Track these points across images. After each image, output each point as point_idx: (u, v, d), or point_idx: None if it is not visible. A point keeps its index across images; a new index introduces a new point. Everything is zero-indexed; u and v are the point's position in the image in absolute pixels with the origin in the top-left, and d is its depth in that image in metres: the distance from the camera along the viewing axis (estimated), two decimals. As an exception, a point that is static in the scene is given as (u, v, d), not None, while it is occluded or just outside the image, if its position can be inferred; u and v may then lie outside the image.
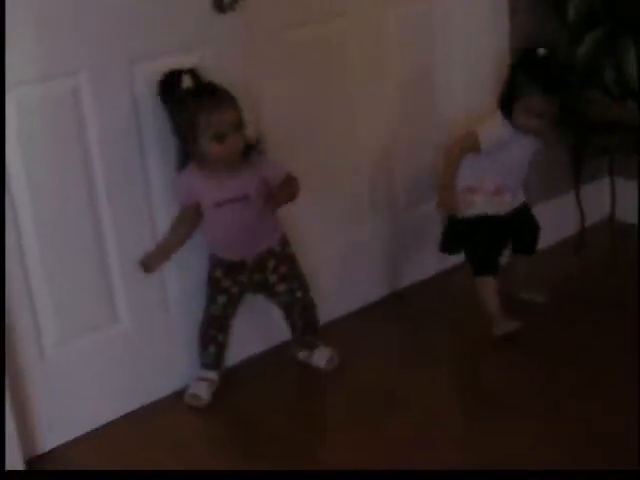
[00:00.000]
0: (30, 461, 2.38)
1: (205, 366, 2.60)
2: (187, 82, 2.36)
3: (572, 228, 3.33)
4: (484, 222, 2.76)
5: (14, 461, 2.30)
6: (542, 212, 3.20)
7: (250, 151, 2.42)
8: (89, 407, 2.49)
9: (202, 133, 2.31)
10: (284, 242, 2.57)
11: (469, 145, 2.69)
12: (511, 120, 2.65)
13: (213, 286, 2.54)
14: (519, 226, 2.86)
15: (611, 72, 2.95)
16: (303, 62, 2.69)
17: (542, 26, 3.06)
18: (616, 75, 2.93)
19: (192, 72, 2.37)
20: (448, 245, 2.86)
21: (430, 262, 3.11)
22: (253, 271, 2.53)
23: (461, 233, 2.81)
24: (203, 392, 2.55)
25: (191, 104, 2.33)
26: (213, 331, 2.58)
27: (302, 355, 2.70)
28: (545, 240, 3.23)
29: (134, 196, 2.46)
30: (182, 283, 2.61)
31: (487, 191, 2.73)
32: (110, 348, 2.51)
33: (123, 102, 2.38)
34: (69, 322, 2.43)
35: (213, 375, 2.60)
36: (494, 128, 2.69)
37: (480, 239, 2.78)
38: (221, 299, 2.55)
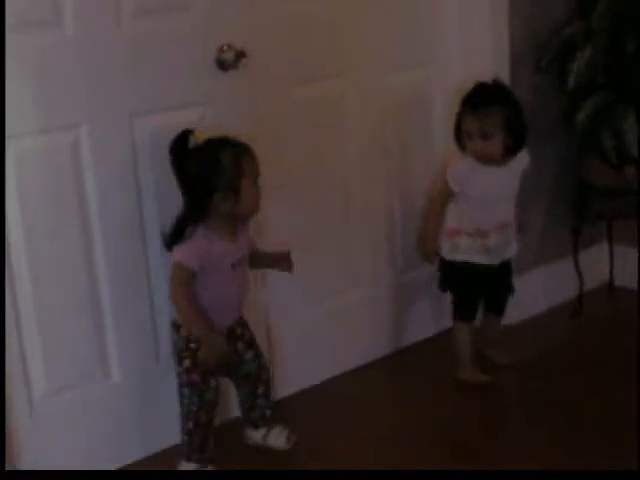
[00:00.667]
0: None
1: (204, 461, 2.44)
2: (199, 137, 2.31)
3: (570, 293, 3.32)
4: (468, 269, 2.78)
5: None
6: (540, 276, 3.24)
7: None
8: (78, 462, 2.46)
9: (247, 176, 2.29)
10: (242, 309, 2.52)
11: (445, 193, 2.74)
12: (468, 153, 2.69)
13: (200, 370, 2.37)
14: (497, 283, 2.88)
15: (610, 139, 2.97)
16: (304, 120, 2.71)
17: (542, 94, 3.10)
18: (615, 142, 2.95)
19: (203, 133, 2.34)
20: (442, 284, 2.88)
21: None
22: (227, 341, 2.42)
23: (448, 276, 2.84)
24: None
25: (234, 150, 2.29)
26: (212, 421, 2.44)
27: (256, 436, 2.58)
28: (543, 304, 3.27)
29: (131, 250, 2.46)
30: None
31: (468, 232, 2.74)
32: (100, 402, 2.49)
33: (122, 156, 2.40)
34: (59, 376, 2.41)
35: (213, 468, 2.47)
36: (455, 166, 2.73)
37: (462, 285, 2.83)
38: (213, 382, 2.41)
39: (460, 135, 2.70)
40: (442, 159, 2.96)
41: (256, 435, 2.58)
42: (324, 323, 2.90)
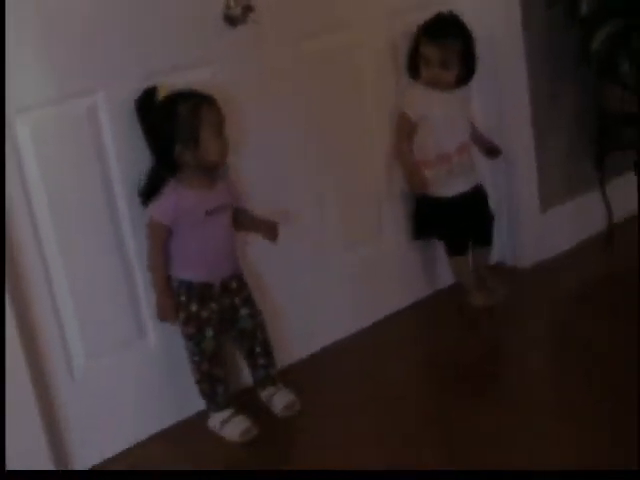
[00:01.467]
0: (65, 481, 2.38)
1: (219, 408, 2.50)
2: (164, 92, 2.35)
3: (599, 225, 3.30)
4: (443, 204, 2.86)
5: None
6: (567, 210, 3.23)
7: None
8: (120, 426, 2.49)
9: (206, 127, 2.31)
10: (240, 265, 2.53)
11: (407, 127, 2.82)
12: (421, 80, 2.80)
13: (195, 321, 2.43)
14: (476, 212, 2.93)
15: (626, 65, 2.93)
16: (315, 73, 2.70)
17: (555, 28, 3.07)
18: (631, 67, 2.92)
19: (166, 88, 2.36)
20: (418, 231, 2.96)
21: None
22: (221, 295, 2.46)
23: (428, 217, 2.91)
24: (247, 423, 2.47)
25: (191, 101, 2.32)
26: (214, 368, 2.47)
27: (264, 395, 2.58)
28: (572, 239, 3.24)
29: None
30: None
31: (432, 162, 2.82)
32: (138, 365, 2.52)
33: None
34: (96, 340, 2.44)
35: (230, 412, 2.50)
36: (410, 96, 2.83)
37: (444, 220, 2.89)
38: (209, 332, 2.44)
39: (414, 62, 2.80)
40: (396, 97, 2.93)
41: (264, 394, 2.58)
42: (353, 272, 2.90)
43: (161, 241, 2.38)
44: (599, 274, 3.12)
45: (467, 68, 2.79)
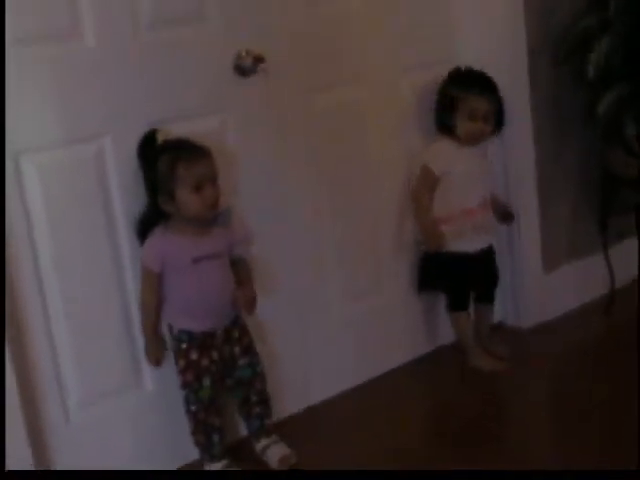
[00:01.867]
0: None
1: (213, 458, 2.47)
2: (162, 137, 2.36)
3: (602, 289, 3.29)
4: (455, 258, 2.86)
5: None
6: (570, 272, 3.22)
7: (218, 210, 2.41)
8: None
9: (181, 184, 2.30)
10: (239, 313, 2.51)
11: (429, 179, 2.83)
12: (453, 135, 2.81)
13: (194, 370, 2.41)
14: (484, 270, 2.95)
15: (633, 129, 2.95)
16: (324, 126, 2.72)
17: (562, 88, 3.09)
18: (637, 131, 2.94)
19: (165, 133, 2.38)
20: (424, 283, 2.96)
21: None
22: (223, 344, 2.45)
23: (434, 269, 2.91)
24: None
25: (169, 155, 2.31)
26: (211, 418, 2.45)
27: (259, 447, 2.54)
28: (574, 301, 3.24)
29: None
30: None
31: (456, 215, 2.82)
32: (135, 412, 2.50)
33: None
34: (93, 385, 2.42)
35: (227, 463, 2.48)
36: (438, 150, 2.85)
37: (454, 275, 2.90)
38: (206, 381, 2.42)
39: (447, 115, 2.80)
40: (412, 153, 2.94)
41: (258, 446, 2.55)
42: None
43: (150, 285, 2.38)
44: (600, 337, 3.11)
45: (500, 122, 2.84)
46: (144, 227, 2.38)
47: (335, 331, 2.84)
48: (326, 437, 2.65)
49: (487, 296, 3.00)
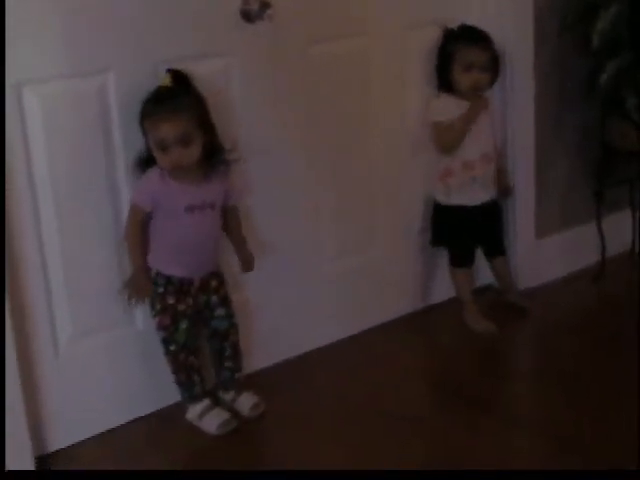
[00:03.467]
0: (40, 459, 2.36)
1: (196, 398, 2.48)
2: (164, 80, 2.33)
3: (592, 259, 3.31)
4: (463, 213, 2.92)
5: (24, 459, 2.29)
6: (561, 240, 3.25)
7: (218, 160, 2.39)
8: (102, 407, 2.48)
9: (151, 139, 2.30)
10: (219, 264, 2.51)
11: (443, 128, 2.87)
12: (453, 91, 2.86)
13: (171, 313, 2.42)
14: (491, 223, 2.99)
15: (633, 100, 2.96)
16: (325, 75, 2.72)
17: (566, 56, 3.10)
18: (638, 102, 2.95)
19: (176, 72, 2.34)
20: (435, 237, 3.00)
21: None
22: (198, 292, 2.45)
23: (443, 224, 2.96)
24: (225, 416, 2.46)
25: (146, 107, 2.30)
26: (191, 359, 2.46)
27: (227, 397, 2.55)
28: (563, 268, 3.26)
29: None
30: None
31: (458, 169, 2.88)
32: (124, 348, 2.51)
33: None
34: (84, 319, 2.44)
35: (210, 401, 2.50)
36: (440, 104, 2.89)
37: (459, 230, 2.95)
38: (182, 324, 2.43)
39: (445, 71, 2.85)
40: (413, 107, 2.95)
41: (226, 397, 2.55)
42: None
43: (137, 223, 2.37)
44: (587, 305, 3.13)
45: (496, 73, 2.88)
46: (142, 164, 2.37)
47: (322, 285, 2.85)
48: (315, 385, 2.68)
49: (495, 249, 3.04)
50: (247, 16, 2.49)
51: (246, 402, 2.53)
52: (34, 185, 2.28)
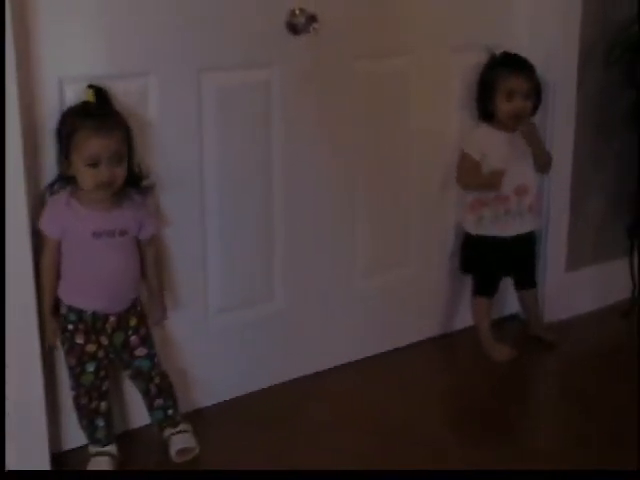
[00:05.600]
0: (56, 457, 2.35)
1: (98, 442, 2.33)
2: (88, 96, 2.18)
3: (622, 294, 3.26)
4: (494, 244, 2.90)
5: (41, 456, 2.29)
6: (592, 274, 3.23)
7: (134, 186, 2.27)
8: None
9: (77, 153, 2.15)
10: (140, 300, 2.36)
11: (470, 166, 2.86)
12: (493, 121, 2.84)
13: (77, 354, 2.27)
14: (518, 257, 2.96)
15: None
16: (368, 91, 2.71)
17: (609, 89, 3.07)
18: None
19: (99, 89, 2.20)
20: (464, 264, 2.99)
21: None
22: (114, 330, 2.30)
23: (472, 253, 2.95)
24: (106, 467, 2.31)
25: (75, 119, 2.16)
26: (94, 402, 2.30)
27: (164, 435, 2.41)
28: (593, 303, 3.23)
29: (189, 200, 2.49)
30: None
31: (490, 200, 2.85)
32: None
33: (188, 109, 2.40)
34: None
35: (111, 449, 2.34)
36: (475, 136, 2.88)
37: (487, 261, 2.93)
38: (89, 367, 2.28)
39: (486, 100, 2.83)
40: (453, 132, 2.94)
41: (164, 435, 2.41)
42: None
43: (49, 252, 2.22)
44: (613, 342, 3.09)
45: (538, 102, 2.86)
46: (52, 188, 2.22)
47: (355, 300, 2.85)
48: (329, 404, 2.67)
49: (525, 281, 3.02)
50: (293, 28, 2.48)
51: (177, 444, 2.38)
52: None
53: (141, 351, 2.35)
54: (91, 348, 2.28)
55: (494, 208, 2.86)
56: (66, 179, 2.21)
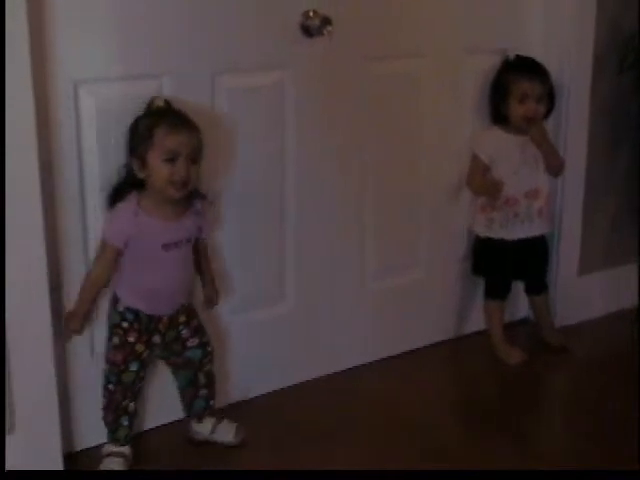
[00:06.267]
0: (68, 457, 2.35)
1: (117, 441, 2.34)
2: (158, 102, 2.24)
3: (634, 299, 3.26)
4: (504, 247, 2.90)
5: (54, 456, 2.29)
6: (602, 279, 3.22)
7: (195, 195, 2.30)
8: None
9: (155, 149, 2.17)
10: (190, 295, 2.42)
11: (479, 167, 2.86)
12: (506, 124, 2.84)
13: (126, 352, 2.30)
14: (532, 260, 2.97)
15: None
16: (381, 93, 2.71)
17: (623, 95, 3.07)
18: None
19: (166, 100, 2.26)
20: (476, 267, 2.99)
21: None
22: (167, 329, 2.34)
23: (483, 255, 2.95)
24: (120, 467, 2.32)
25: (152, 118, 2.20)
26: (126, 401, 2.33)
27: (203, 430, 2.45)
28: (604, 308, 3.22)
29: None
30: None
31: (499, 204, 2.85)
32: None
33: (201, 111, 2.38)
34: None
35: (126, 450, 2.35)
36: (486, 138, 2.89)
37: (496, 263, 2.93)
38: (133, 366, 2.31)
39: (500, 103, 2.83)
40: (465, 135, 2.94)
41: (202, 429, 2.45)
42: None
43: (106, 260, 2.25)
44: (624, 346, 3.07)
45: (551, 105, 2.86)
46: (116, 194, 2.26)
47: (365, 302, 2.85)
48: (338, 407, 2.67)
49: (536, 286, 3.02)
50: (307, 31, 2.49)
51: (228, 429, 2.44)
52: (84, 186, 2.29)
53: (193, 341, 2.39)
54: (140, 348, 2.32)
55: (504, 211, 2.86)
56: (131, 185, 2.23)
